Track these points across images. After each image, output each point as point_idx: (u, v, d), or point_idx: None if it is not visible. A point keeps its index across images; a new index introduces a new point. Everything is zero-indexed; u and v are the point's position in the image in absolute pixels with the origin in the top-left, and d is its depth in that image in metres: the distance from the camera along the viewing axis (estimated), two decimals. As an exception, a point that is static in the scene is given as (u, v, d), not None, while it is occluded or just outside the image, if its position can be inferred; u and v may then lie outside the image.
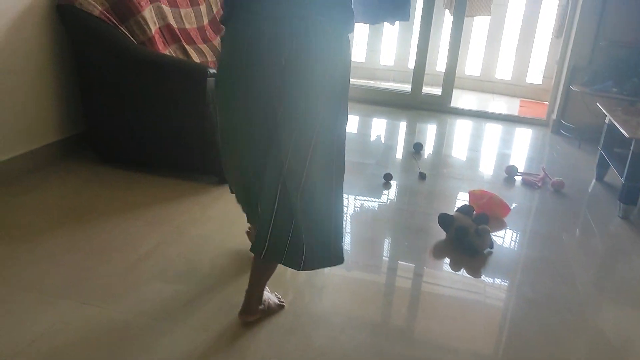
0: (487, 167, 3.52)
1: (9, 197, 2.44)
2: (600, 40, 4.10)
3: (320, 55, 1.52)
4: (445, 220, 2.42)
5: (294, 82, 1.52)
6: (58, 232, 2.19)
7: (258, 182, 1.62)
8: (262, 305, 1.75)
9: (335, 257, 1.66)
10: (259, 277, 1.71)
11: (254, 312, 1.73)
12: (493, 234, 2.47)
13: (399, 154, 3.66)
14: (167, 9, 3.06)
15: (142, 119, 2.73)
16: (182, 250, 2.13)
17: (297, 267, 1.60)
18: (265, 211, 1.58)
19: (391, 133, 4.20)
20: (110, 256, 2.04)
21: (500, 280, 2.16)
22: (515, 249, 2.45)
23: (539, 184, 3.16)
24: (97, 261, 2.00)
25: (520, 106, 5.41)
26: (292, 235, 1.58)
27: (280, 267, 1.66)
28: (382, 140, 3.92)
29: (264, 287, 1.75)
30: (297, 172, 1.54)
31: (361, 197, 2.83)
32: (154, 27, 2.89)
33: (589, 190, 3.22)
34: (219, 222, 2.39)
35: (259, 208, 1.63)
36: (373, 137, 3.96)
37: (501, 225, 2.62)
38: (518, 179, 3.26)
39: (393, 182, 3.06)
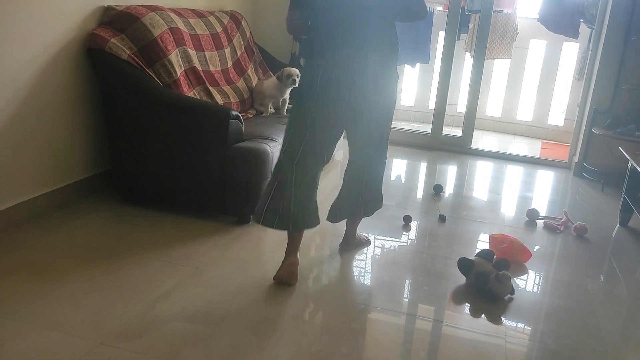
0: (508, 210, 3.49)
1: (34, 235, 2.49)
2: (621, 83, 4.09)
3: (374, 84, 2.16)
4: (464, 265, 2.39)
5: (355, 105, 2.17)
6: (80, 271, 2.22)
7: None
8: (356, 239, 2.67)
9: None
10: (354, 225, 2.63)
11: (352, 245, 2.66)
12: (514, 279, 2.44)
13: (419, 196, 3.65)
14: (192, 53, 3.16)
15: (166, 159, 2.78)
16: (200, 291, 2.13)
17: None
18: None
19: (411, 174, 4.20)
20: (130, 296, 2.06)
21: (521, 329, 2.11)
22: (538, 296, 2.41)
23: (561, 229, 3.11)
24: (117, 301, 2.02)
25: (542, 148, 5.38)
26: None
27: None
28: (402, 181, 3.92)
29: (356, 229, 2.65)
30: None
31: (380, 239, 2.82)
32: (179, 69, 2.98)
33: (613, 236, 3.16)
34: (238, 262, 2.40)
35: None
36: (393, 178, 3.96)
37: (522, 271, 2.58)
38: (540, 222, 3.22)
39: (412, 224, 3.05)
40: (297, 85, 3.52)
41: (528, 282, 2.51)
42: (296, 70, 3.55)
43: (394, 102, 2.32)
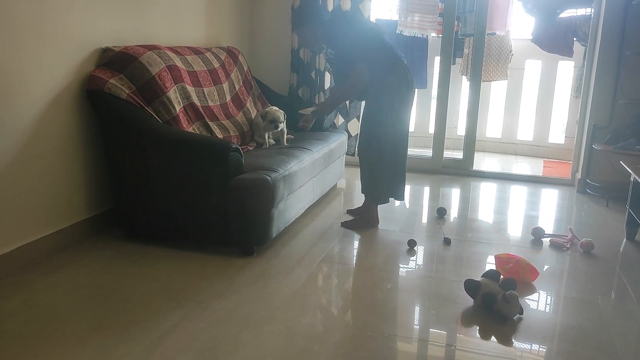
0: (513, 230, 3.46)
1: (38, 277, 2.49)
2: (618, 98, 4.11)
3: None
4: (471, 287, 2.37)
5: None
6: (83, 311, 2.21)
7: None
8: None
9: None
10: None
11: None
12: (523, 299, 2.41)
13: (423, 220, 3.64)
14: (191, 89, 3.20)
15: (167, 194, 2.79)
16: (205, 326, 2.11)
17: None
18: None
19: (414, 198, 4.19)
20: (134, 333, 2.04)
21: (533, 349, 2.07)
22: (547, 315, 2.37)
23: (568, 246, 3.08)
24: (121, 339, 2.00)
25: (544, 166, 5.38)
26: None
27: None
28: (406, 206, 3.91)
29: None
30: None
31: (385, 265, 2.80)
32: (178, 106, 3.02)
33: (621, 251, 3.13)
34: (242, 294, 2.38)
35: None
36: (397, 203, 3.95)
37: (530, 290, 2.55)
38: (546, 241, 3.19)
39: (417, 249, 3.03)
40: (278, 129, 3.52)
41: (537, 301, 2.48)
42: (280, 115, 3.51)
43: None
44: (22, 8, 2.42)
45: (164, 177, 2.78)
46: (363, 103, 4.50)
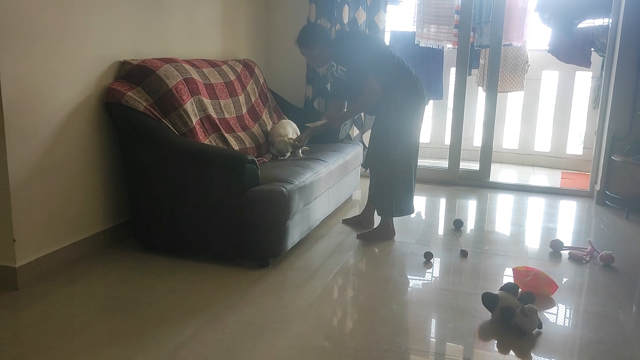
0: (531, 242, 3.42)
1: (56, 288, 2.51)
2: (638, 109, 4.05)
3: None
4: (489, 300, 2.34)
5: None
6: (101, 322, 2.22)
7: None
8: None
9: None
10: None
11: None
12: (542, 313, 2.37)
13: (440, 232, 3.61)
14: (207, 101, 3.23)
15: (184, 206, 2.81)
16: (220, 337, 2.11)
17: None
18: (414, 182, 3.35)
19: (430, 210, 4.17)
20: (150, 345, 2.04)
21: (552, 363, 2.04)
22: (567, 329, 2.33)
23: (587, 259, 3.03)
24: (137, 350, 2.00)
25: (562, 178, 5.32)
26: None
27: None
28: (422, 217, 3.89)
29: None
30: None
31: (401, 277, 2.78)
32: (195, 118, 3.05)
33: (642, 264, 3.07)
34: (257, 306, 2.38)
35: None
36: (413, 215, 3.93)
37: (549, 304, 2.51)
38: (564, 253, 3.15)
39: (434, 261, 3.01)
40: (285, 157, 3.53)
41: (556, 315, 2.44)
42: (286, 145, 3.51)
43: None
44: (43, 21, 2.47)
45: (180, 189, 2.80)
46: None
